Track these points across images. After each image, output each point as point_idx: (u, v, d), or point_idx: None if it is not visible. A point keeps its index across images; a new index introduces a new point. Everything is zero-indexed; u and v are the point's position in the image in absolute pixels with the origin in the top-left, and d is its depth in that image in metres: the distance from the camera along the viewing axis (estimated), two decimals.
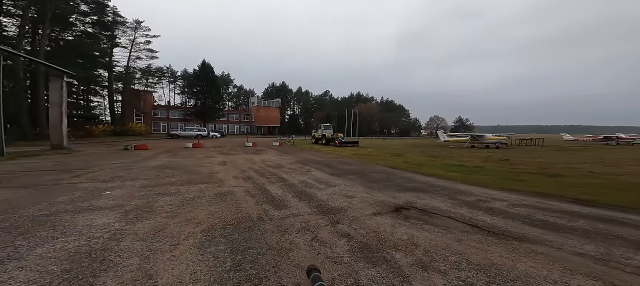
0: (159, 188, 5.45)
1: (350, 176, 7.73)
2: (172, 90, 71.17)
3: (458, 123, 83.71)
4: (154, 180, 6.35)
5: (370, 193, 5.61)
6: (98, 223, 3.38)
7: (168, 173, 7.34)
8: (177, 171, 7.84)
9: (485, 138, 22.26)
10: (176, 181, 6.34)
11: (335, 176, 7.68)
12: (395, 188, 6.14)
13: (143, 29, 40.36)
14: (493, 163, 11.24)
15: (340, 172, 8.56)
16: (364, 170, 9.07)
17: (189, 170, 8.06)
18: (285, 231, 3.43)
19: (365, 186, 6.32)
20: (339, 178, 7.31)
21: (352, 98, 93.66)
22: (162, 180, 6.32)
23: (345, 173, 8.18)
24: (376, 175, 8.00)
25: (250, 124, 62.90)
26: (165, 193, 5.10)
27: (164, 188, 5.53)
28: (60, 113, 12.00)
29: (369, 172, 8.50)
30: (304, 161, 11.47)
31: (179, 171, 7.86)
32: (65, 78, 12.47)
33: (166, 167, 8.50)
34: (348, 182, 6.75)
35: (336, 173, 8.14)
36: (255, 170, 8.53)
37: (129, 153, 12.49)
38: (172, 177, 6.90)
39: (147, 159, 10.51)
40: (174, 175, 7.20)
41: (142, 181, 6.13)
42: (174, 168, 8.28)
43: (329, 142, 25.11)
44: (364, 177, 7.52)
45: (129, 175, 6.76)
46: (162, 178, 6.64)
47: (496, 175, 8.05)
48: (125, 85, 40.00)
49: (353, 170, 8.87)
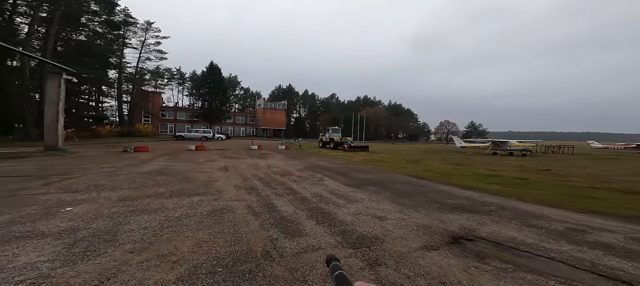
0: (139, 202, 4.39)
1: (371, 187, 6.51)
2: (181, 91, 71.89)
3: (470, 128, 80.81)
4: (139, 190, 5.31)
5: (404, 212, 4.40)
6: (20, 262, 2.29)
7: (159, 181, 6.31)
8: (171, 178, 6.82)
9: (509, 144, 20.53)
10: (165, 192, 5.29)
11: (354, 187, 6.48)
12: (433, 205, 4.90)
13: (153, 30, 40.62)
14: (534, 173, 9.77)
15: (357, 181, 7.35)
16: (384, 179, 7.82)
17: (185, 177, 7.02)
18: (304, 280, 2.27)
19: (394, 202, 5.09)
20: (359, 191, 6.10)
21: (359, 101, 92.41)
22: (148, 190, 5.28)
23: (363, 184, 6.96)
24: (402, 186, 6.75)
25: (256, 126, 62.44)
26: (145, 209, 4.03)
27: (145, 201, 4.46)
28: (57, 113, 11.31)
29: (392, 183, 7.25)
30: (314, 167, 10.32)
31: (172, 178, 6.83)
32: (65, 75, 11.82)
33: (160, 173, 7.50)
34: (371, 196, 5.54)
35: (354, 184, 6.93)
36: (260, 178, 7.43)
37: (125, 156, 11.64)
38: (162, 185, 5.86)
39: (143, 163, 9.59)
40: (166, 183, 6.16)
41: (123, 191, 5.10)
42: (168, 174, 7.27)
43: (337, 146, 23.93)
44: (388, 189, 6.28)
45: (111, 184, 5.76)
46: (149, 187, 5.60)
47: (554, 189, 6.66)
48: (134, 86, 40.14)
49: (372, 180, 7.64)
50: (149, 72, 44.62)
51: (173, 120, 52.78)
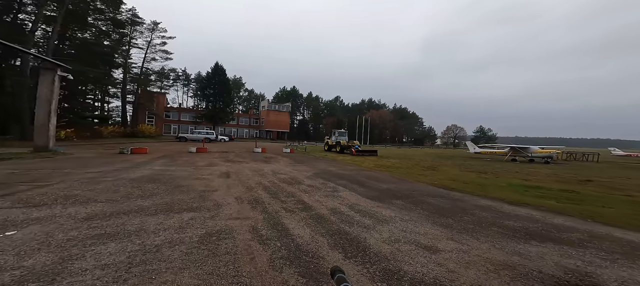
0: (112, 222, 3.44)
1: (398, 202, 5.46)
2: (186, 93, 71.89)
3: (479, 133, 78.64)
4: (118, 203, 4.36)
5: (458, 239, 3.36)
6: None
7: (147, 190, 5.37)
8: (162, 186, 5.88)
9: (531, 151, 19.18)
10: (150, 206, 4.33)
11: (377, 201, 5.44)
12: (492, 229, 3.85)
13: (159, 30, 40.41)
14: (576, 185, 8.58)
15: (378, 193, 6.31)
16: (409, 191, 6.76)
17: (179, 186, 6.08)
18: None
19: (436, 223, 4.05)
20: (385, 206, 5.07)
21: (363, 104, 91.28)
22: (129, 204, 4.33)
23: (387, 196, 5.92)
24: (435, 201, 5.68)
25: (259, 128, 61.78)
26: (115, 233, 3.07)
27: (121, 221, 3.51)
28: (49, 112, 10.57)
29: (420, 195, 6.19)
30: (324, 174, 9.31)
31: (164, 186, 5.89)
32: (59, 72, 11.13)
33: (151, 180, 6.57)
34: (403, 214, 4.50)
35: (375, 197, 5.90)
36: (266, 187, 6.45)
37: (120, 159, 10.81)
38: (148, 196, 4.91)
39: (136, 167, 8.70)
40: (154, 193, 5.21)
41: (97, 205, 4.16)
42: (160, 182, 6.34)
43: (344, 150, 22.89)
44: (419, 204, 5.23)
45: (87, 194, 4.83)
46: (132, 199, 4.65)
47: (623, 206, 5.53)
48: (139, 86, 39.85)
49: (395, 191, 6.58)
50: (154, 73, 44.43)
51: (177, 121, 52.42)
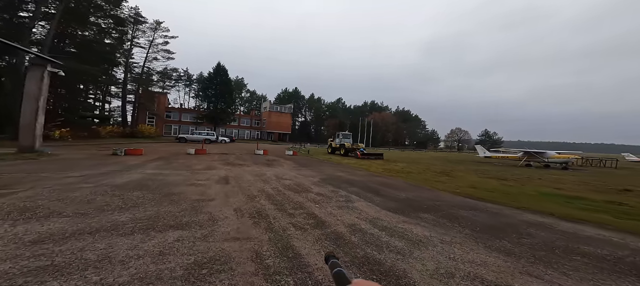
0: (68, 246, 2.62)
1: (425, 215, 4.63)
2: (188, 93, 71.47)
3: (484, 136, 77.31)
4: (87, 218, 3.55)
5: (539, 276, 2.55)
6: None
7: (129, 200, 4.56)
8: (150, 194, 5.07)
9: (547, 156, 18.22)
10: (128, 221, 3.52)
11: (400, 214, 4.61)
12: (576, 259, 3.02)
13: (162, 30, 39.96)
14: (617, 195, 7.67)
15: (398, 203, 5.47)
16: (432, 200, 5.91)
17: (169, 193, 5.27)
18: None
19: (491, 247, 3.22)
20: (411, 221, 4.24)
21: (366, 106, 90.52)
22: (101, 220, 3.51)
23: (410, 208, 5.08)
24: (470, 214, 4.83)
25: (260, 130, 61.09)
26: (66, 266, 2.25)
27: (81, 244, 2.69)
28: (36, 110, 9.84)
29: (449, 207, 5.34)
30: (333, 180, 8.48)
31: (152, 194, 5.08)
32: (49, 68, 10.43)
33: (139, 186, 5.77)
34: (439, 233, 3.66)
35: (396, 208, 5.06)
36: (269, 196, 5.63)
37: (111, 160, 10.04)
38: (129, 208, 4.10)
39: (126, 170, 7.91)
40: (138, 203, 4.41)
41: (58, 221, 3.34)
42: (148, 189, 5.53)
43: (348, 153, 22.06)
44: (455, 220, 4.39)
45: (54, 205, 4.03)
46: (107, 212, 3.84)
47: None
48: (139, 86, 39.31)
49: (417, 202, 5.74)
50: (156, 73, 43.94)
51: (178, 121, 51.84)
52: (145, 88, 40.89)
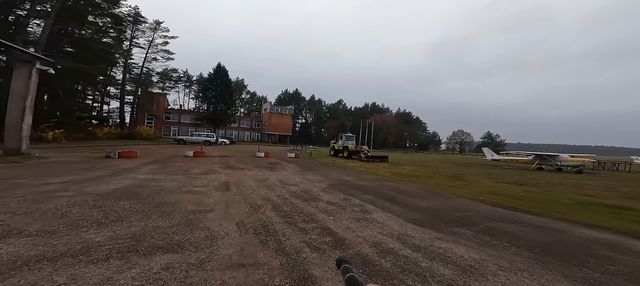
0: (14, 281, 1.96)
1: (461, 230, 3.96)
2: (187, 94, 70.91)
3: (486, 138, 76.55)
4: (52, 237, 2.88)
5: None
6: None
7: (112, 213, 3.89)
8: (139, 205, 4.40)
9: (560, 159, 17.53)
10: (105, 241, 2.85)
11: (430, 229, 3.94)
12: None
13: (162, 30, 39.42)
14: None
15: (422, 214, 4.81)
16: (459, 210, 5.23)
17: (161, 203, 4.60)
18: None
19: (575, 279, 2.54)
20: (448, 238, 3.57)
21: (366, 108, 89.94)
22: (71, 240, 2.84)
23: (438, 220, 4.42)
24: (515, 229, 4.15)
25: (261, 131, 60.43)
26: None
27: (34, 277, 2.02)
28: (23, 109, 9.19)
29: (482, 219, 4.67)
30: (342, 185, 7.82)
31: (140, 205, 4.41)
32: (38, 65, 9.80)
33: (127, 194, 5.10)
34: (490, 255, 3.00)
35: (422, 221, 4.40)
36: (275, 206, 4.97)
37: (103, 164, 9.37)
38: (110, 224, 3.43)
39: (116, 175, 7.24)
40: (121, 217, 3.74)
41: (14, 243, 2.67)
42: (138, 198, 4.86)
43: (352, 155, 21.40)
44: (500, 237, 3.72)
45: (15, 221, 3.35)
46: (81, 229, 3.16)
47: None
48: (138, 87, 38.69)
49: (443, 212, 5.07)
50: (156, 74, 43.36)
51: (177, 122, 51.14)
52: (145, 89, 40.28)
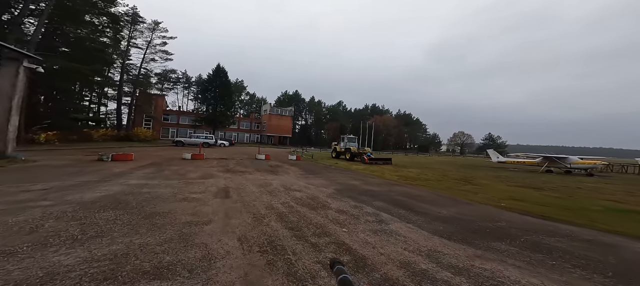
0: None
1: (499, 245, 3.44)
2: (186, 96, 70.34)
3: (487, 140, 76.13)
4: (10, 261, 2.33)
5: None
6: None
7: (93, 227, 3.35)
8: (126, 216, 3.86)
9: (569, 161, 17.03)
10: (76, 264, 2.31)
11: (463, 244, 3.42)
12: None
13: (160, 30, 38.96)
14: None
15: (446, 225, 4.28)
16: (485, 220, 4.71)
17: (152, 214, 4.06)
18: None
19: None
20: (489, 255, 3.04)
21: (366, 109, 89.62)
22: (34, 263, 2.29)
23: (467, 232, 3.90)
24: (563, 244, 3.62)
25: (260, 133, 59.87)
26: None
27: None
28: (9, 110, 8.63)
29: (519, 230, 4.14)
30: (349, 190, 7.29)
31: (129, 216, 3.87)
32: (26, 63, 9.26)
33: (114, 203, 4.55)
34: (549, 278, 2.47)
35: (449, 233, 3.87)
36: (281, 215, 4.43)
37: (93, 167, 8.81)
38: (87, 241, 2.89)
39: (106, 180, 6.69)
40: (103, 232, 3.19)
41: None
42: (126, 208, 4.31)
43: (354, 157, 20.90)
44: (555, 255, 3.20)
45: None
46: (49, 249, 2.61)
47: None
48: (136, 88, 38.10)
49: (467, 222, 4.54)
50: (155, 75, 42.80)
51: (176, 124, 50.51)
52: (143, 90, 39.70)
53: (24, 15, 19.97)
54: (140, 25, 36.59)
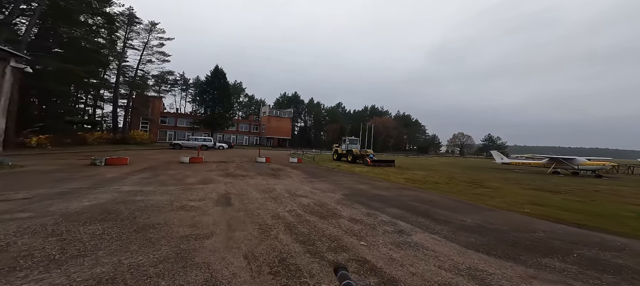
0: None
1: (550, 262, 3.02)
2: (184, 98, 69.70)
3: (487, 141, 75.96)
4: None
5: None
6: None
7: (77, 242, 2.87)
8: (116, 228, 3.39)
9: (577, 163, 16.71)
10: None
11: (507, 260, 2.99)
12: None
13: (157, 31, 38.44)
14: None
15: (481, 237, 3.86)
16: (523, 230, 4.29)
17: (146, 226, 3.59)
18: None
19: None
20: (546, 276, 2.62)
21: (366, 111, 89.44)
22: None
23: (508, 246, 3.47)
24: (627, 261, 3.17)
25: (259, 135, 59.31)
26: None
27: None
28: None
29: (566, 243, 3.71)
30: (358, 195, 6.86)
31: (119, 228, 3.39)
32: (13, 62, 8.76)
33: (102, 214, 4.08)
34: None
35: (486, 247, 3.44)
36: (289, 226, 3.98)
37: (85, 173, 8.29)
38: (69, 261, 2.42)
39: (97, 187, 6.19)
40: (89, 249, 2.72)
41: None
42: (116, 219, 3.84)
43: (356, 160, 20.48)
44: (627, 275, 2.74)
45: None
46: (20, 272, 2.15)
47: None
48: (132, 89, 37.46)
49: (501, 232, 4.13)
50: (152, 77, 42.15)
51: (173, 126, 49.84)
52: (139, 92, 39.06)
53: (14, 15, 19.43)
54: (137, 26, 36.08)
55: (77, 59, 21.71)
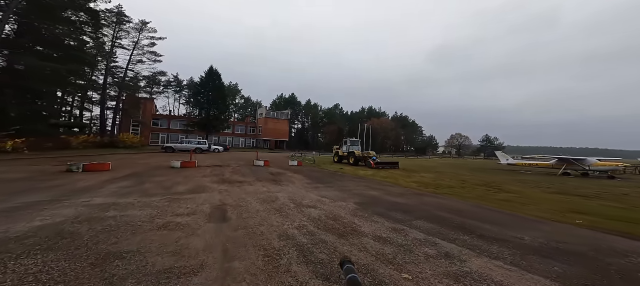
0: None
1: None
2: (178, 100, 67.93)
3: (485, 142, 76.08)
4: None
5: None
6: None
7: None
8: (68, 261, 2.40)
9: (588, 163, 16.15)
10: None
11: None
12: None
13: (148, 30, 37.03)
14: None
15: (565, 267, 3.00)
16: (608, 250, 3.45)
17: (110, 255, 2.60)
18: None
19: None
20: None
21: (363, 112, 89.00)
22: None
23: (604, 277, 2.60)
24: None
25: (256, 137, 58.03)
26: None
27: None
28: None
29: None
30: (374, 205, 5.97)
31: (70, 262, 2.40)
32: None
33: (57, 237, 3.07)
34: None
35: (578, 279, 2.56)
36: (302, 249, 3.04)
37: (56, 181, 7.19)
38: None
39: (61, 199, 5.14)
40: None
41: None
42: (72, 246, 2.84)
43: (358, 162, 19.62)
44: None
45: None
46: None
47: None
48: (122, 91, 35.88)
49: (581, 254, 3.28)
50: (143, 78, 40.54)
51: (166, 129, 48.17)
52: (130, 93, 37.48)
53: None
54: (126, 24, 34.67)
55: (59, 57, 20.32)
